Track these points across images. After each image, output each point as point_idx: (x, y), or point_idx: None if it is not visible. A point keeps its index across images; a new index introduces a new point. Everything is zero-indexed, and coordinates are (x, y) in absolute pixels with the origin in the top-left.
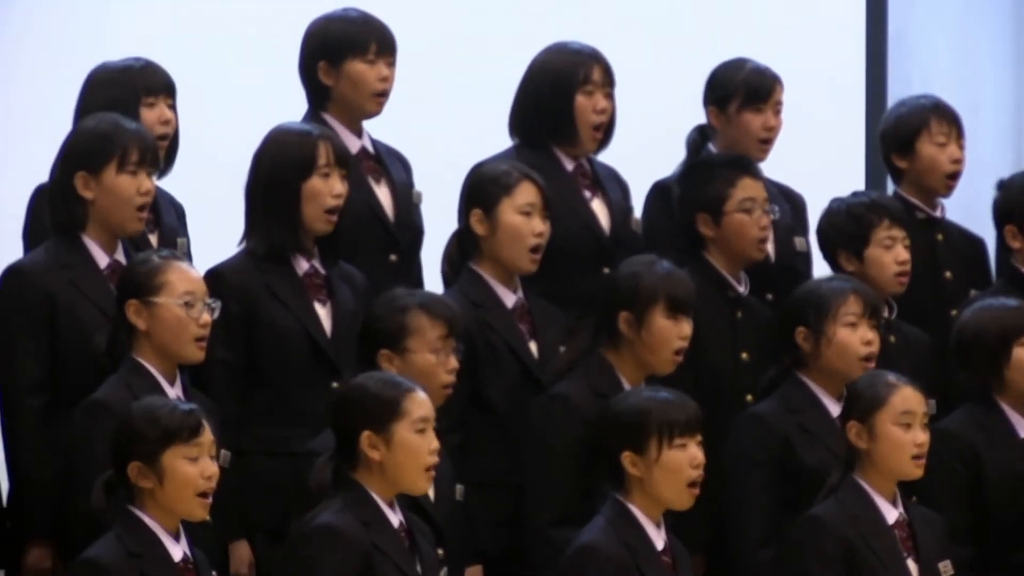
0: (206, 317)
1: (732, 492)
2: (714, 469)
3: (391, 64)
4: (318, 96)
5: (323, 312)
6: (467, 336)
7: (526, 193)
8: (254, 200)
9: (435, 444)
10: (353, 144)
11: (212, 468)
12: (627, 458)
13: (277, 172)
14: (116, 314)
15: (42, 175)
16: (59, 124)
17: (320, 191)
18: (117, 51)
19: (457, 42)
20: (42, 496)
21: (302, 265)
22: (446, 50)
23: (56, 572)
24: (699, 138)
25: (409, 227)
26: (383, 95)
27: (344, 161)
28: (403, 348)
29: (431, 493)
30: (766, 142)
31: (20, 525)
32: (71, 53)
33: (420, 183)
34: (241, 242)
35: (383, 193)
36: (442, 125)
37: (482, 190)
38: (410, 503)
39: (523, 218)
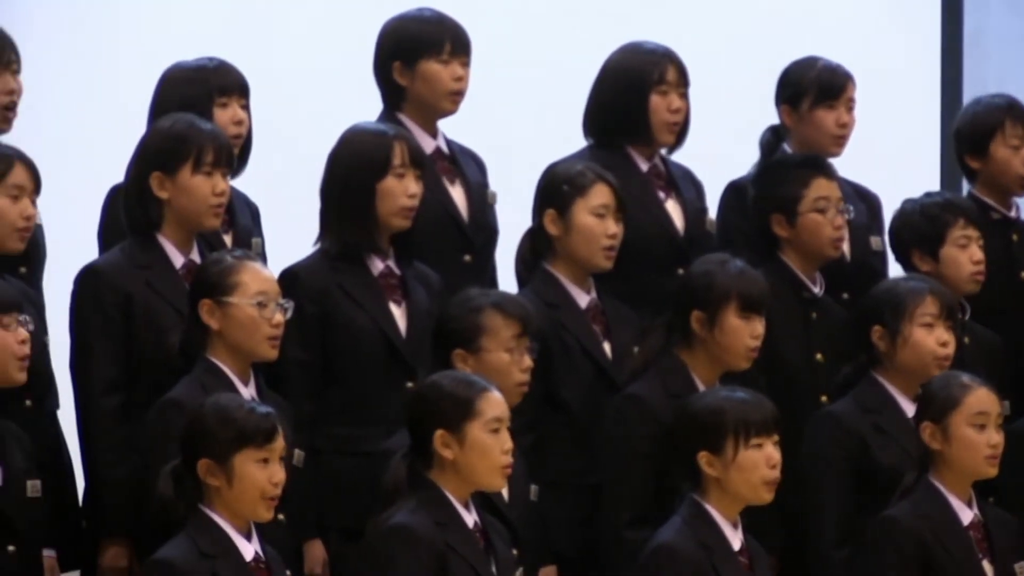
0: (279, 317)
1: (807, 492)
2: (789, 469)
3: (466, 64)
4: (393, 96)
5: (398, 312)
6: (541, 336)
7: (600, 195)
8: (329, 200)
9: (509, 444)
10: (428, 144)
11: (280, 475)
12: (703, 458)
13: (352, 172)
14: (190, 314)
15: (117, 175)
16: (134, 124)
17: (395, 191)
18: (194, 50)
19: (532, 41)
20: (117, 495)
21: (377, 265)
22: (521, 50)
23: (132, 571)
24: (773, 138)
25: (483, 227)
26: (458, 95)
27: (419, 161)
28: (477, 348)
29: (505, 493)
30: (840, 138)
31: (96, 524)
32: (149, 52)
33: (495, 183)
34: (316, 242)
35: (457, 193)
36: (517, 125)
37: (556, 191)
38: (484, 503)
39: (597, 219)
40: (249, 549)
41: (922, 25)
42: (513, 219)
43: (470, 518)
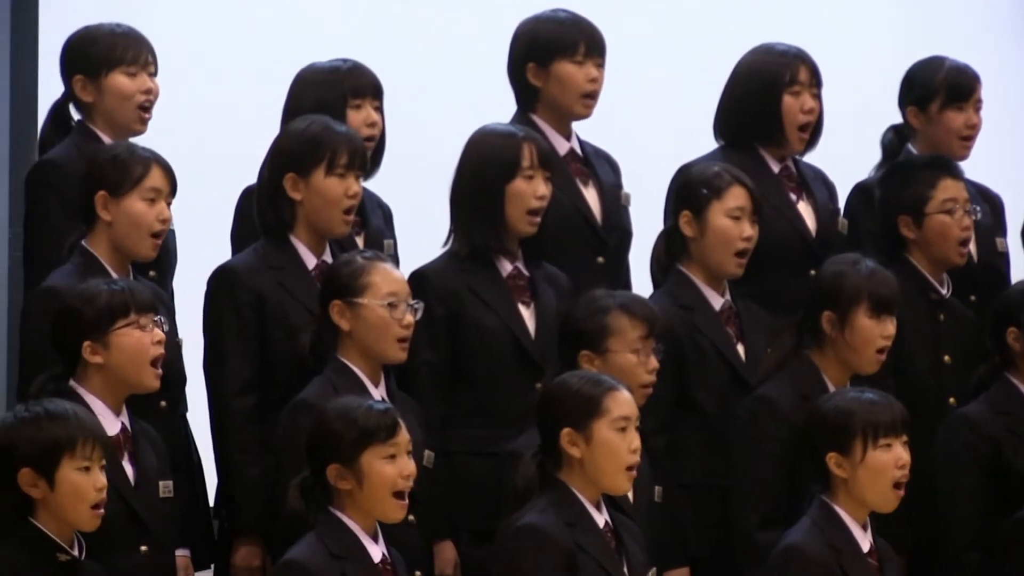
0: (409, 318)
1: (940, 494)
2: (917, 471)
3: (600, 65)
4: (527, 97)
5: (527, 313)
6: (675, 338)
7: (736, 197)
8: (459, 202)
9: (636, 443)
10: (561, 146)
11: (410, 467)
12: (832, 459)
13: (481, 174)
14: (320, 314)
15: (249, 178)
16: (266, 125)
17: (524, 193)
18: (328, 52)
19: (665, 43)
20: (250, 495)
21: (506, 267)
22: (654, 51)
23: (264, 570)
24: (895, 138)
25: (617, 228)
26: (592, 96)
27: (548, 162)
28: (604, 349)
29: (630, 494)
30: (968, 140)
31: (228, 523)
32: (279, 55)
33: (629, 184)
34: (446, 244)
35: (591, 195)
36: (650, 126)
37: (692, 192)
38: (611, 503)
39: (732, 222)
40: (377, 551)
41: None
42: (647, 220)
43: (600, 518)
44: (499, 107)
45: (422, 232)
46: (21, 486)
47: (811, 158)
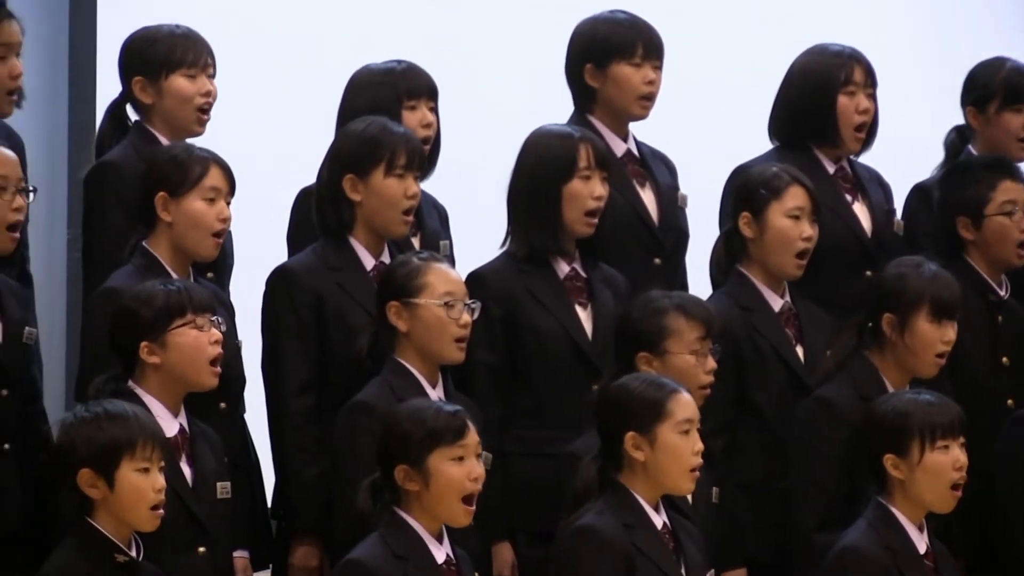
0: (466, 318)
1: (999, 495)
2: (974, 472)
3: (658, 67)
4: (584, 98)
5: (584, 314)
6: (734, 339)
7: (795, 197)
8: (515, 203)
9: (699, 445)
10: (618, 147)
11: (478, 469)
12: (889, 460)
13: (538, 174)
14: (378, 315)
15: (306, 178)
16: (322, 126)
17: (580, 193)
18: (381, 54)
19: (721, 43)
20: (308, 495)
21: (563, 267)
22: (711, 51)
23: (322, 570)
24: (958, 139)
25: (673, 230)
26: (649, 98)
27: (605, 163)
28: (662, 350)
29: (688, 495)
30: None
31: (287, 524)
32: (334, 56)
33: (685, 185)
34: (503, 245)
35: (647, 196)
36: (707, 127)
37: (751, 193)
38: (669, 505)
39: (792, 222)
40: (440, 552)
41: None
42: (704, 221)
43: (659, 519)
44: (556, 108)
45: (478, 233)
46: (80, 486)
47: (871, 159)
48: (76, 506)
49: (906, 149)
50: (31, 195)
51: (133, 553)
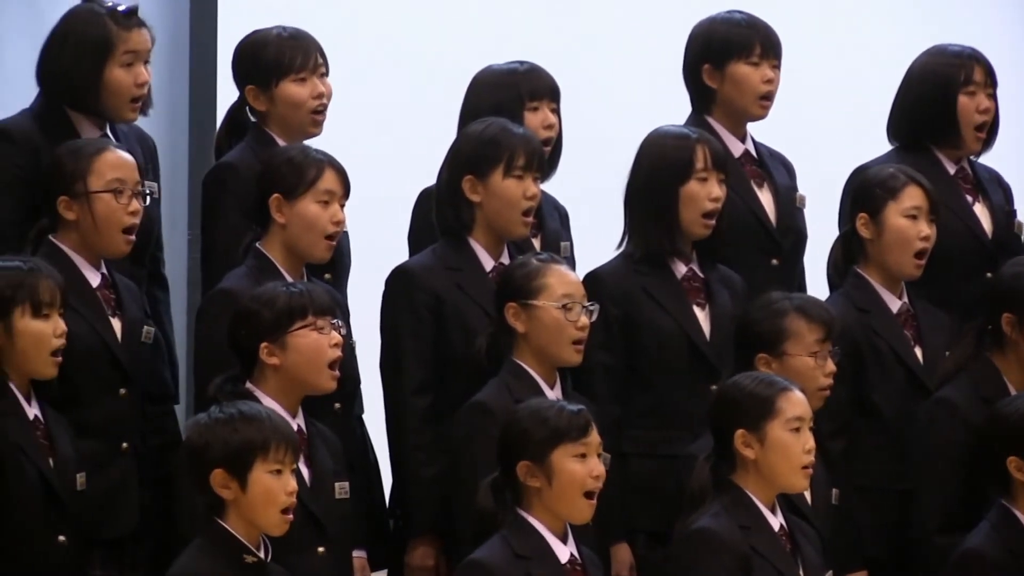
0: (584, 320)
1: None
2: None
3: (776, 66)
4: (702, 98)
5: (702, 315)
6: (852, 341)
7: (912, 196)
8: (633, 204)
9: (810, 443)
10: (736, 147)
11: (600, 468)
12: (1013, 463)
13: (655, 176)
14: (496, 316)
15: (426, 178)
16: (443, 127)
17: (697, 195)
18: (503, 54)
19: (839, 44)
20: (426, 495)
21: (680, 268)
22: (829, 51)
23: (439, 570)
24: None
25: (791, 231)
26: (767, 97)
27: (722, 164)
28: (781, 352)
29: (808, 496)
30: None
31: (404, 523)
32: (455, 58)
33: (804, 186)
34: (620, 245)
35: (765, 197)
36: (826, 127)
37: (868, 194)
38: (788, 506)
39: (909, 222)
40: (564, 551)
41: None
42: (822, 222)
43: (775, 521)
44: (674, 109)
45: (599, 234)
46: (213, 487)
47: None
48: (207, 506)
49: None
50: (147, 198)
51: (261, 554)
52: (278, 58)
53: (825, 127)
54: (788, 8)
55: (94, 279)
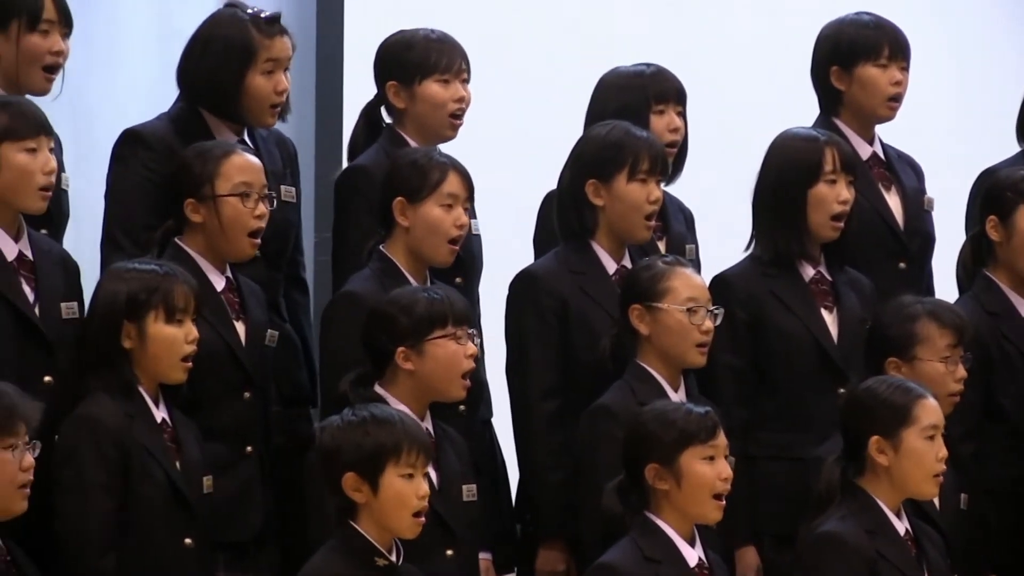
0: (708, 324)
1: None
2: None
3: (904, 69)
4: (830, 101)
5: (830, 318)
6: (981, 344)
7: None
8: (761, 206)
9: (943, 451)
10: (864, 150)
11: (728, 470)
12: None
13: (783, 178)
14: (620, 319)
15: (552, 182)
16: (570, 128)
17: (826, 198)
18: (629, 57)
19: (969, 45)
20: (554, 499)
21: (808, 271)
22: (958, 53)
23: (568, 574)
24: None
25: (919, 234)
26: (896, 99)
27: (850, 167)
28: (912, 356)
29: (936, 501)
30: None
31: (533, 527)
32: (583, 58)
33: (932, 189)
34: (748, 248)
35: (893, 200)
36: (955, 129)
37: (998, 196)
38: (915, 511)
39: None
40: (693, 555)
41: None
42: (950, 225)
43: (901, 526)
44: (802, 111)
45: (726, 237)
46: (345, 490)
47: None
48: (338, 510)
49: None
50: (274, 202)
51: (393, 557)
52: (424, 57)
53: (954, 128)
54: (914, 9)
55: (219, 282)
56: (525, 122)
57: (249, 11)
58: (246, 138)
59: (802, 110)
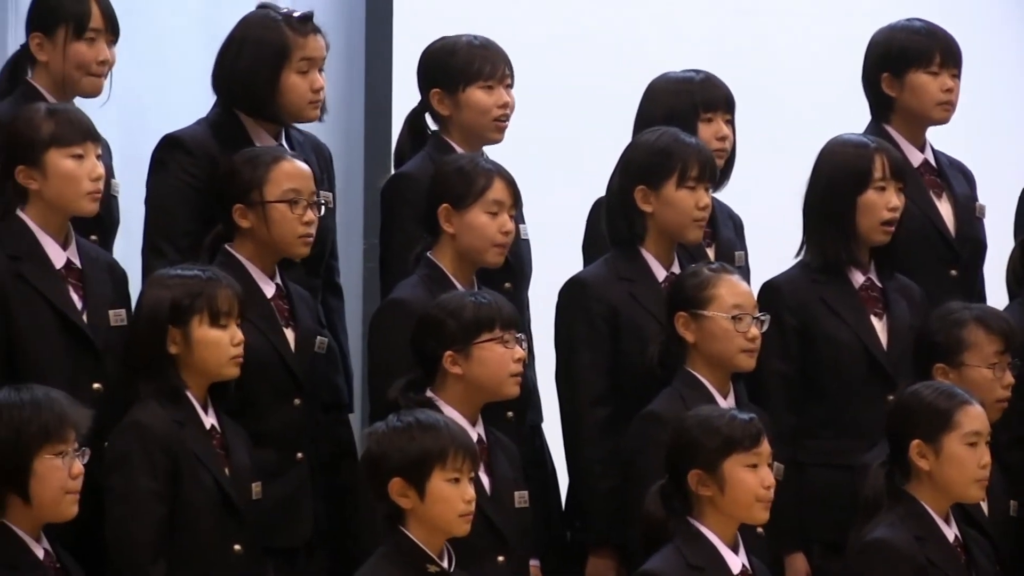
0: (754, 331)
1: None
2: None
3: (955, 76)
4: (881, 107)
5: (879, 325)
6: None
7: None
8: (810, 213)
9: (986, 459)
10: (915, 157)
11: (771, 478)
12: None
13: (833, 184)
14: (668, 326)
15: (601, 188)
16: (619, 135)
17: (875, 204)
18: (678, 63)
19: (1016, 52)
20: (604, 506)
21: (858, 278)
22: (1009, 60)
23: None
24: None
25: (970, 240)
26: (947, 105)
27: (901, 173)
28: (959, 362)
29: (985, 508)
30: None
31: (582, 534)
32: (632, 64)
33: (984, 196)
34: (798, 254)
35: (944, 207)
36: (1007, 136)
37: None
38: (964, 517)
39: None
40: (736, 561)
41: None
42: (1003, 232)
43: (950, 532)
44: (853, 117)
45: (776, 243)
46: (391, 496)
47: None
48: (387, 515)
49: None
50: (322, 208)
51: (444, 563)
52: (468, 64)
53: (1006, 135)
54: (966, 14)
55: (268, 289)
56: (575, 128)
57: (282, 10)
58: (283, 143)
59: (854, 116)
